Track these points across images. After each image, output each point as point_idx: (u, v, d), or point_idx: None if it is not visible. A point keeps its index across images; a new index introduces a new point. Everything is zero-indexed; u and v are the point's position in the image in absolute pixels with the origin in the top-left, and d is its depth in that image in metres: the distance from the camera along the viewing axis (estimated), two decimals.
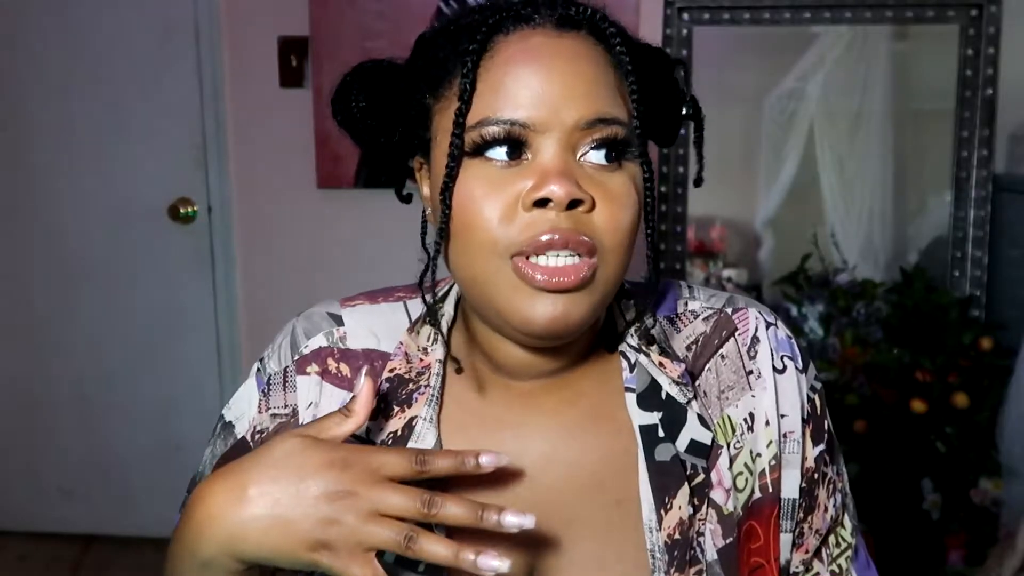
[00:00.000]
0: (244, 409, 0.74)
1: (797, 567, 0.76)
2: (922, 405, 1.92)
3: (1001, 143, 2.25)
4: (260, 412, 0.73)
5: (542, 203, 0.60)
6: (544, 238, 0.60)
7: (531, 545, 0.68)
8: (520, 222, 0.60)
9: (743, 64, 2.43)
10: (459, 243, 0.62)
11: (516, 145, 0.61)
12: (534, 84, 0.60)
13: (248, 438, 0.73)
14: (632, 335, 0.72)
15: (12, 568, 2.57)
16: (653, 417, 0.69)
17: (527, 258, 0.61)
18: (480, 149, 0.61)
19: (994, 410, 1.80)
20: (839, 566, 0.77)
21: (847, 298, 2.18)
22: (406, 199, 0.79)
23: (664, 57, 0.71)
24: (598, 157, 0.62)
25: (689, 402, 0.69)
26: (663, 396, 0.70)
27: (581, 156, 0.62)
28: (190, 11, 2.43)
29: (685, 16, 2.25)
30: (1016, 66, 2.20)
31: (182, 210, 2.51)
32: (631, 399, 0.70)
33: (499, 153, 0.61)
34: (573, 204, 0.60)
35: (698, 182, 0.75)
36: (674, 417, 0.69)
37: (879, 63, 2.37)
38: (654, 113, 0.67)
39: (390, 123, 0.70)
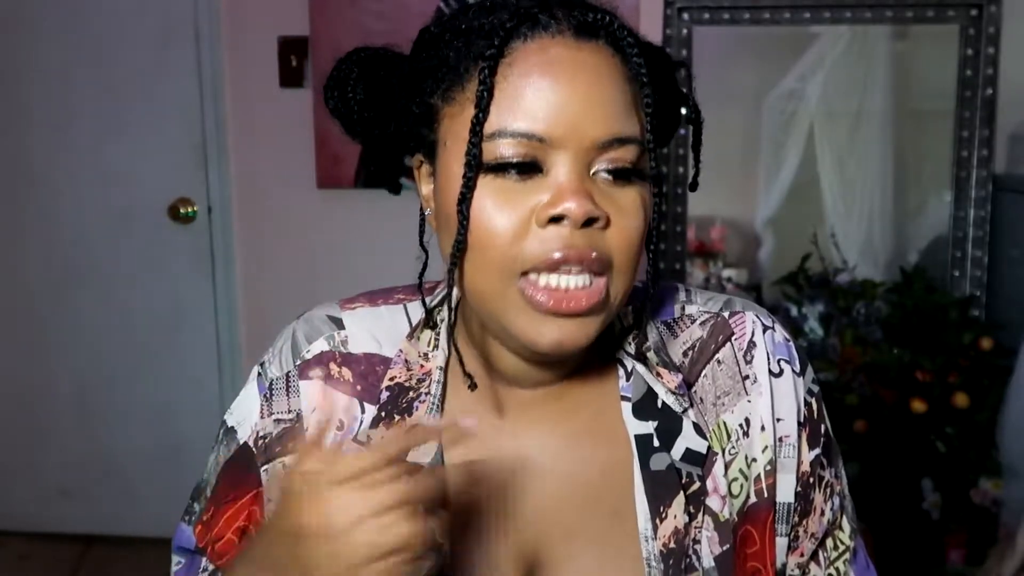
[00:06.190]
0: (246, 415, 0.74)
1: (793, 571, 0.75)
2: (922, 405, 1.92)
3: (1001, 143, 2.25)
4: (263, 417, 0.72)
5: (557, 219, 0.59)
6: (556, 255, 0.59)
7: (529, 555, 0.68)
8: (533, 238, 0.59)
9: (743, 64, 2.43)
10: (470, 257, 0.61)
11: (530, 169, 0.60)
12: (553, 99, 0.59)
13: (251, 444, 0.73)
14: (630, 343, 0.71)
15: (12, 568, 2.57)
16: (648, 426, 0.69)
17: (537, 278, 0.60)
18: (495, 168, 0.60)
19: (994, 410, 1.80)
20: (837, 569, 0.76)
21: (847, 298, 2.18)
22: (396, 190, 0.77)
23: (666, 58, 0.70)
24: (611, 174, 0.61)
25: (685, 411, 0.69)
26: (659, 405, 0.69)
27: (594, 173, 0.61)
28: (190, 11, 2.43)
29: (685, 16, 2.25)
30: (1016, 66, 2.20)
31: (182, 210, 2.51)
32: (627, 408, 0.70)
33: (512, 173, 0.60)
34: (589, 222, 0.59)
35: (693, 186, 0.74)
36: (669, 426, 0.69)
37: (879, 63, 2.37)
38: (657, 115, 0.66)
39: (387, 117, 0.69)
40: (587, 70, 0.60)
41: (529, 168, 0.60)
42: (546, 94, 0.59)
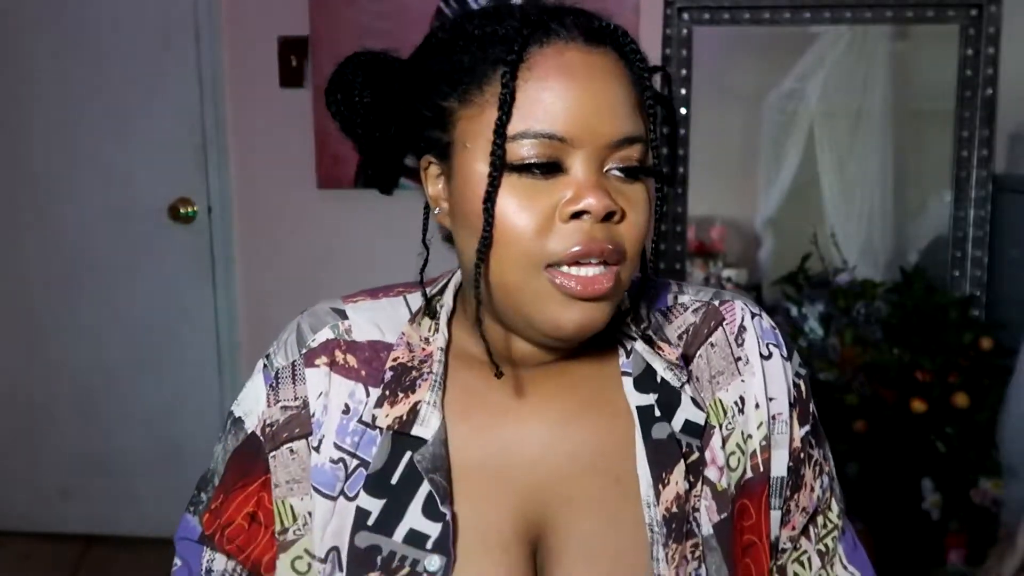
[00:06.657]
0: (252, 405, 0.76)
1: (785, 544, 0.80)
2: (922, 405, 1.92)
3: (1001, 143, 2.25)
4: (269, 406, 0.74)
5: (577, 214, 0.63)
6: (577, 248, 0.63)
7: (533, 525, 0.71)
8: (556, 233, 0.63)
9: (743, 64, 2.43)
10: (495, 252, 0.65)
11: (552, 168, 0.63)
12: (571, 101, 0.63)
13: (258, 432, 0.74)
14: (629, 324, 0.75)
15: (12, 568, 2.57)
16: (649, 398, 0.73)
17: (560, 269, 0.64)
18: (519, 168, 0.63)
19: (994, 410, 1.80)
20: (825, 545, 0.82)
21: (847, 298, 2.18)
22: (388, 191, 0.80)
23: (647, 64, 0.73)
24: (621, 171, 0.66)
25: (683, 386, 0.73)
26: (658, 380, 0.73)
27: (606, 171, 0.65)
28: (190, 11, 2.44)
29: (685, 16, 2.25)
30: (1016, 66, 2.20)
31: (182, 210, 2.51)
32: (628, 382, 0.73)
33: (535, 172, 0.64)
34: (607, 216, 0.64)
35: (672, 181, 0.78)
36: (669, 399, 0.73)
37: (879, 63, 2.37)
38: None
39: (391, 119, 0.72)
40: (599, 74, 0.64)
41: (551, 167, 0.64)
42: (564, 96, 0.63)
